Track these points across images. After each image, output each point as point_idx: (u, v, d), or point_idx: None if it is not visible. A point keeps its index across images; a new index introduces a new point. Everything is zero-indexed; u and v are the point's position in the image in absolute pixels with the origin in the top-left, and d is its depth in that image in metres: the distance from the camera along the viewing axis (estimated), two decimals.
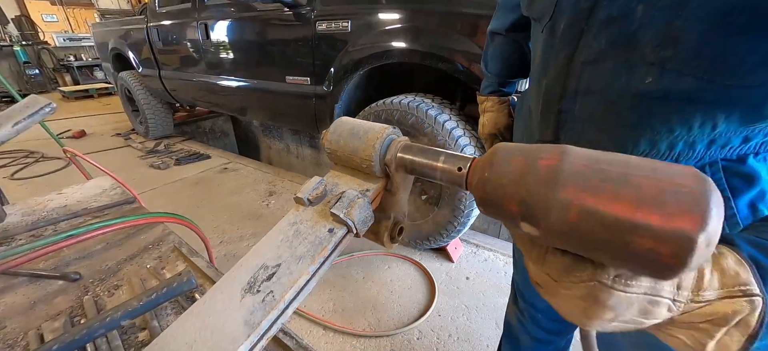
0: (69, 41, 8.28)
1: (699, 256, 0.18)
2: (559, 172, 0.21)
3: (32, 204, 0.90)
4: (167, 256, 0.68)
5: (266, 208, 2.31)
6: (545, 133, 0.50)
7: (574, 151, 0.22)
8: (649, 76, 0.36)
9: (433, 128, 1.41)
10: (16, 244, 0.72)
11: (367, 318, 1.41)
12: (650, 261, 0.19)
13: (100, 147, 3.67)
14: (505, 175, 0.24)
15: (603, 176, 0.20)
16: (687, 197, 0.18)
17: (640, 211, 0.18)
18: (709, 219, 0.17)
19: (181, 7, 2.63)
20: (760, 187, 0.37)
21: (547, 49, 0.47)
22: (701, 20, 0.32)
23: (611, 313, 0.22)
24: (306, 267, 0.30)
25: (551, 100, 0.47)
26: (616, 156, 0.21)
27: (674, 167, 0.20)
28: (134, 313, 0.48)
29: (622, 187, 0.19)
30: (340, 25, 1.63)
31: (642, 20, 0.36)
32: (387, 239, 0.38)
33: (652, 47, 0.35)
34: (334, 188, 0.37)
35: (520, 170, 0.23)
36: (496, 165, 0.25)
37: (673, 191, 0.18)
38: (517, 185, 0.23)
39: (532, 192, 0.22)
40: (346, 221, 0.32)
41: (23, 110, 0.66)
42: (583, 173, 0.21)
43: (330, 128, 0.39)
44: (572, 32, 0.42)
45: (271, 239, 0.34)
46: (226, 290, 0.30)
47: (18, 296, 0.58)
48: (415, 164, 0.34)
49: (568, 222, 0.21)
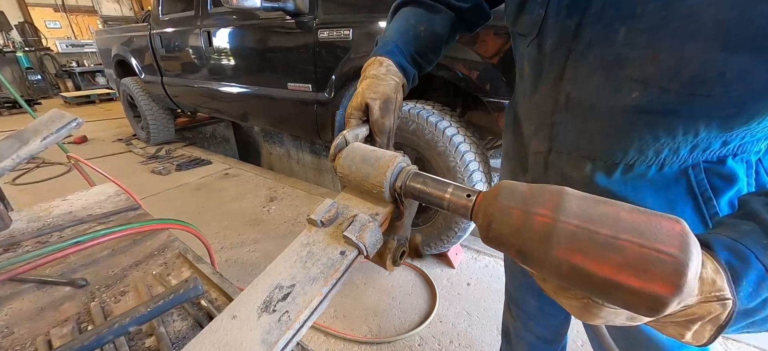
0: (71, 47, 8.35)
1: (672, 309, 0.21)
2: (552, 233, 0.24)
3: (37, 210, 0.91)
4: (173, 263, 0.68)
5: (267, 213, 2.32)
6: (540, 145, 0.52)
7: (568, 208, 0.25)
8: (635, 92, 0.38)
9: (433, 135, 1.42)
10: (22, 250, 0.72)
11: (368, 324, 1.41)
12: (630, 307, 0.22)
13: (102, 152, 3.68)
14: (505, 225, 0.27)
15: (592, 239, 0.23)
16: (668, 267, 0.20)
17: (622, 274, 0.21)
18: (684, 287, 0.20)
19: (184, 15, 2.66)
20: (738, 186, 0.40)
21: (535, 66, 0.49)
22: (680, 41, 0.34)
23: (601, 319, 0.26)
24: (319, 288, 0.32)
25: (544, 115, 0.49)
26: (608, 211, 0.24)
27: (662, 226, 0.22)
28: (142, 319, 0.48)
29: (609, 250, 0.22)
30: (342, 33, 1.66)
31: (625, 41, 0.37)
32: (390, 262, 0.40)
33: (635, 66, 0.37)
34: (346, 210, 0.39)
35: (517, 224, 0.26)
36: (497, 216, 0.28)
37: (656, 259, 0.21)
38: (516, 237, 0.26)
39: (527, 246, 0.25)
40: (358, 244, 0.33)
41: (50, 125, 0.67)
42: (574, 234, 0.23)
43: (342, 154, 0.41)
44: (560, 52, 0.43)
45: (285, 259, 0.35)
46: (243, 309, 0.31)
47: (25, 302, 0.59)
48: (424, 193, 0.36)
49: (560, 274, 0.24)
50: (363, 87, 0.52)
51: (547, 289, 0.28)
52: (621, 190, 0.44)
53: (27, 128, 0.69)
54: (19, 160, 0.65)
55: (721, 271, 0.24)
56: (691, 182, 0.41)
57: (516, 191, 0.28)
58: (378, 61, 0.54)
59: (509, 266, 0.83)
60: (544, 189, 0.27)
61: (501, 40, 1.23)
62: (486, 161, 1.50)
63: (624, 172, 0.44)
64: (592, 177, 0.46)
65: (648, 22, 0.35)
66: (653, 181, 0.42)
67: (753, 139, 0.38)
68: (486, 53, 1.26)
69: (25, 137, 0.66)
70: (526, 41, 0.50)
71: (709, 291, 0.23)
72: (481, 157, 1.46)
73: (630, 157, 0.43)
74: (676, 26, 0.33)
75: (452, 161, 1.41)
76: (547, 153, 0.51)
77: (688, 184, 0.41)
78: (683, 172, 0.41)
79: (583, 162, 0.47)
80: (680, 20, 0.33)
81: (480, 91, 1.32)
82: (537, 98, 0.50)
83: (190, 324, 0.53)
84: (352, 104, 0.51)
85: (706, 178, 0.40)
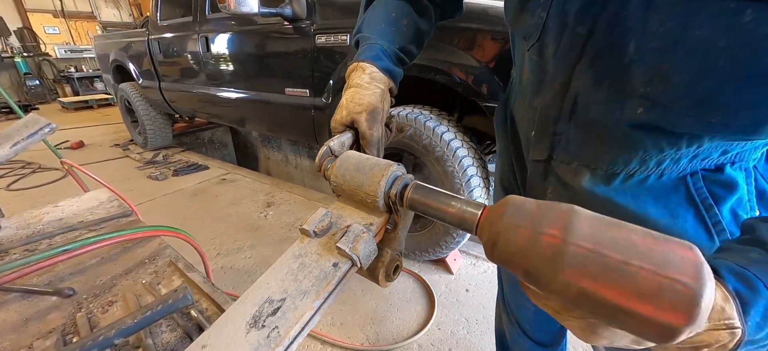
0: (70, 53, 8.36)
1: (683, 338, 0.21)
2: (560, 254, 0.23)
3: (27, 217, 0.89)
4: (163, 271, 0.67)
5: (264, 219, 2.30)
6: (539, 151, 0.51)
7: (578, 229, 0.24)
8: (640, 107, 0.37)
9: (431, 140, 1.42)
10: (9, 258, 0.71)
11: (365, 331, 1.38)
12: (639, 334, 0.22)
13: (99, 158, 3.66)
14: (512, 243, 0.26)
15: (603, 263, 0.22)
16: (681, 297, 0.20)
17: (634, 301, 0.21)
18: (697, 317, 0.20)
19: (182, 21, 2.66)
20: (739, 194, 0.39)
21: (537, 70, 0.48)
22: (690, 65, 0.32)
23: (605, 340, 0.25)
24: (311, 302, 0.30)
25: (547, 123, 0.48)
26: (620, 235, 0.23)
27: (676, 253, 0.21)
28: (128, 331, 0.47)
29: (621, 276, 0.21)
30: (340, 39, 1.66)
31: (634, 56, 0.36)
32: (383, 277, 0.39)
33: (642, 83, 0.36)
34: (339, 220, 0.38)
35: (525, 244, 0.25)
36: (503, 234, 0.27)
37: (669, 287, 0.20)
38: (522, 257, 0.25)
39: (534, 267, 0.24)
40: (352, 256, 0.32)
41: (22, 130, 0.66)
42: (584, 257, 0.22)
43: (336, 162, 0.40)
44: (568, 59, 0.42)
45: (276, 271, 0.34)
46: (231, 324, 0.30)
47: (10, 313, 0.57)
48: (426, 207, 0.35)
49: (567, 298, 0.23)
50: (346, 98, 0.49)
51: (550, 308, 0.27)
52: (620, 199, 0.43)
53: (1, 134, 0.68)
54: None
55: (730, 299, 0.23)
56: (690, 190, 0.40)
57: (523, 208, 0.27)
58: (361, 68, 0.50)
59: (504, 271, 0.82)
60: (554, 207, 0.26)
61: (498, 44, 1.23)
62: (484, 166, 1.49)
63: (624, 180, 0.43)
64: (592, 186, 0.45)
65: (660, 41, 0.34)
66: (652, 189, 0.42)
67: (752, 147, 0.38)
68: (483, 58, 1.26)
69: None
70: (527, 45, 0.48)
71: (718, 319, 0.23)
72: (478, 162, 1.45)
73: (631, 167, 0.42)
74: (689, 50, 0.32)
75: (450, 166, 1.40)
76: (546, 161, 0.50)
77: (687, 192, 0.40)
78: (681, 180, 0.40)
79: (583, 171, 0.46)
80: (693, 45, 0.32)
81: (477, 96, 1.32)
82: (538, 104, 0.48)
83: (179, 336, 0.52)
84: (337, 118, 0.48)
85: (705, 186, 0.40)
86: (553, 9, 0.42)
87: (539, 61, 0.46)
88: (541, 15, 0.43)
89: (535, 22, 0.45)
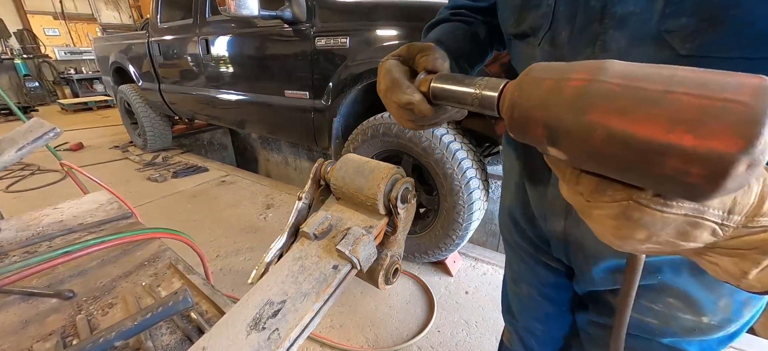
0: (70, 55, 8.37)
1: (738, 180, 0.16)
2: (585, 94, 0.20)
3: (27, 219, 0.89)
4: (163, 273, 0.67)
5: (264, 221, 2.30)
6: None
7: (612, 68, 0.20)
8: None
9: (430, 142, 1.42)
10: (9, 260, 0.71)
11: (365, 334, 1.38)
12: (680, 183, 0.17)
13: (98, 159, 3.66)
14: (532, 97, 0.23)
15: (637, 95, 0.18)
16: (734, 116, 0.16)
17: (673, 133, 0.17)
18: (757, 141, 0.15)
19: (182, 23, 2.67)
20: None
21: (551, 60, 0.45)
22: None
23: (644, 231, 0.20)
24: (311, 304, 0.31)
25: None
26: (662, 69, 0.19)
27: (734, 77, 0.17)
28: (128, 333, 0.47)
29: (657, 106, 0.17)
30: (339, 41, 1.66)
31: (665, 10, 0.31)
32: (382, 281, 0.39)
33: (682, 37, 0.30)
34: (339, 223, 0.38)
35: (546, 93, 0.22)
36: (525, 87, 0.24)
37: (720, 108, 0.16)
38: (542, 108, 0.22)
39: (555, 115, 0.21)
40: (352, 258, 0.33)
41: (27, 134, 0.66)
42: (614, 93, 0.19)
43: (336, 165, 0.40)
44: (584, 37, 0.37)
45: (276, 274, 0.34)
46: (232, 326, 0.30)
47: (9, 315, 0.57)
48: (447, 92, 0.34)
49: (590, 145, 0.20)
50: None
51: (577, 198, 0.23)
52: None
53: (4, 138, 0.68)
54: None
55: None
56: None
57: (551, 66, 0.24)
58: (435, 49, 0.50)
59: (509, 275, 0.81)
60: (583, 62, 0.22)
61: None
62: (483, 168, 1.50)
63: None
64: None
65: None
66: None
67: None
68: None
69: (0, 148, 0.65)
70: (535, 40, 0.45)
71: None
72: (478, 164, 1.45)
73: None
74: None
75: (449, 168, 1.41)
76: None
77: None
78: None
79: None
80: None
81: None
82: None
83: (179, 338, 0.52)
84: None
85: None
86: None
87: (552, 51, 0.43)
88: (548, 3, 0.41)
89: (542, 11, 0.42)
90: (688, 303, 0.41)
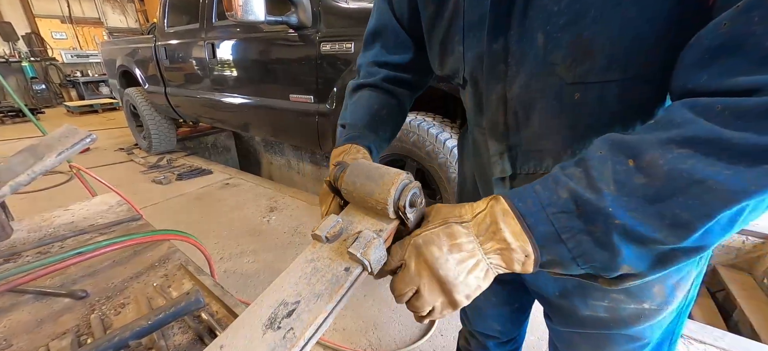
0: (76, 58, 8.47)
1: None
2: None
3: (39, 220, 0.91)
4: (173, 274, 0.68)
5: (267, 224, 2.31)
6: (503, 169, 0.49)
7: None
8: (576, 93, 0.37)
9: (434, 146, 1.43)
10: (23, 261, 0.72)
11: (368, 337, 1.39)
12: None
13: (103, 161, 3.69)
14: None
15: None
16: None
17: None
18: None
19: (188, 27, 2.71)
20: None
21: (475, 94, 0.49)
22: (603, 25, 0.32)
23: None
24: (324, 305, 0.32)
25: (500, 139, 0.47)
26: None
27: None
28: (142, 332, 0.48)
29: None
30: (344, 46, 1.69)
31: (547, 46, 0.37)
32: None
33: (565, 68, 0.36)
34: (350, 226, 0.39)
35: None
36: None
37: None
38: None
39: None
40: (363, 261, 0.33)
41: (64, 140, 0.69)
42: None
43: (347, 170, 0.41)
44: (494, 74, 0.43)
45: (289, 275, 0.35)
46: (248, 325, 0.31)
47: (24, 314, 0.58)
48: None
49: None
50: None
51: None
52: None
53: (40, 143, 0.70)
54: (33, 175, 0.65)
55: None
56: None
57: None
58: (355, 149, 0.55)
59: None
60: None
61: None
62: None
63: None
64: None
65: (565, 17, 0.34)
66: None
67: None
68: None
69: (39, 152, 0.67)
70: (458, 79, 0.50)
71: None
72: None
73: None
74: (595, 14, 0.32)
75: (452, 172, 1.42)
76: (511, 179, 0.50)
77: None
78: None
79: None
80: (597, 6, 0.32)
81: None
82: (486, 124, 0.49)
83: (190, 337, 0.53)
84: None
85: None
86: (467, 38, 0.44)
87: (473, 87, 0.48)
88: (458, 49, 0.46)
89: (456, 57, 0.48)
90: (627, 294, 0.47)
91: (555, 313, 0.58)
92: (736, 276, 1.94)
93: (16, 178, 0.63)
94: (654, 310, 0.47)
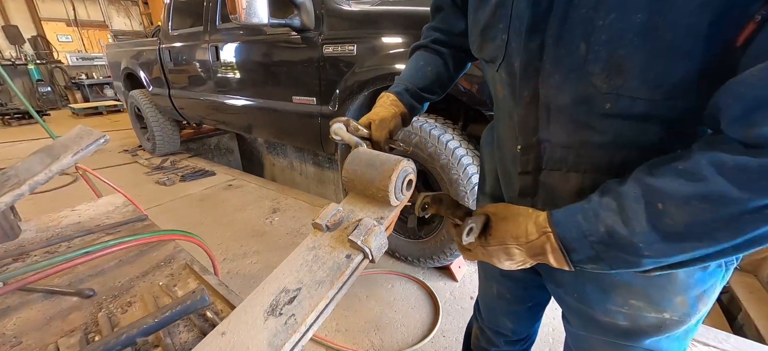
0: (81, 60, 8.55)
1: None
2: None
3: (46, 220, 0.93)
4: (179, 274, 0.69)
5: (270, 225, 2.32)
6: (528, 163, 0.51)
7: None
8: (608, 103, 0.39)
9: (436, 148, 1.44)
10: (31, 260, 0.73)
11: (370, 338, 1.39)
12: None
13: (108, 163, 3.72)
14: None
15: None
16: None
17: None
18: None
19: (192, 30, 2.74)
20: None
21: (509, 87, 0.50)
22: (639, 48, 0.35)
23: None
24: (325, 292, 0.32)
25: (528, 134, 0.49)
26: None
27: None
28: (149, 330, 0.49)
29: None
30: (346, 49, 1.70)
31: (587, 57, 0.38)
32: (418, 207, 0.45)
33: (602, 79, 0.38)
34: (351, 215, 0.39)
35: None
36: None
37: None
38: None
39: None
40: (364, 248, 0.34)
41: (79, 141, 0.71)
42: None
43: (347, 158, 0.42)
44: (529, 72, 0.44)
45: (291, 263, 0.36)
46: (250, 312, 0.32)
47: (33, 312, 0.60)
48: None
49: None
50: (371, 112, 0.66)
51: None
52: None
53: (55, 144, 0.71)
54: (51, 174, 0.68)
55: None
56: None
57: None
58: (386, 95, 0.69)
59: (481, 274, 0.82)
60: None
61: None
62: None
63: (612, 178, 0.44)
64: (580, 188, 0.46)
65: (607, 33, 0.36)
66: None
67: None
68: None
69: (55, 153, 0.69)
70: (494, 66, 0.51)
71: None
72: None
73: (616, 166, 0.43)
74: (634, 33, 0.35)
75: (455, 174, 1.42)
76: (535, 172, 0.51)
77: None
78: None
79: (572, 176, 0.47)
80: (636, 30, 0.34)
81: (481, 105, 1.34)
82: (517, 117, 0.50)
83: (195, 335, 0.54)
84: (360, 121, 0.62)
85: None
86: (512, 28, 0.45)
87: (509, 78, 0.49)
88: (502, 37, 0.47)
89: (497, 44, 0.49)
90: (648, 302, 0.47)
91: (573, 315, 0.58)
92: (741, 278, 1.93)
93: (35, 177, 0.65)
94: (676, 321, 0.47)
